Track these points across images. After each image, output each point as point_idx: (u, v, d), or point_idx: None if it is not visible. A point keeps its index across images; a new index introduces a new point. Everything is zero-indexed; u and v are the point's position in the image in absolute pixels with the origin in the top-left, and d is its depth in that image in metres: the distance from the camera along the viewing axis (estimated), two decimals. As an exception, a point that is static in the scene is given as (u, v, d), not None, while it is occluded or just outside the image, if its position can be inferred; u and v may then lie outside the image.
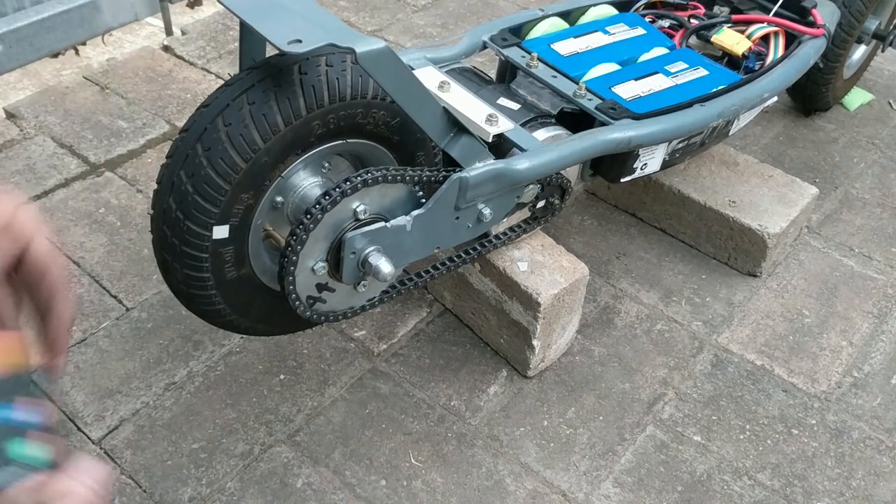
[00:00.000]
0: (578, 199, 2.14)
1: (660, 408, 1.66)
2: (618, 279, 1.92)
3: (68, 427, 1.55)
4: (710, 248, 1.98)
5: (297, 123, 1.22)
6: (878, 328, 1.85)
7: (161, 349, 1.70)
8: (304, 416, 1.60)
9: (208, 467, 1.50)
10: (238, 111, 1.19)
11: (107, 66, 2.54)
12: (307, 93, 1.21)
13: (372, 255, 1.30)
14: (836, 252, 2.04)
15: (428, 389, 1.66)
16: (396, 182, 1.30)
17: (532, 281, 1.58)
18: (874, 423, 1.65)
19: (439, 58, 1.66)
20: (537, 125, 1.56)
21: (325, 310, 1.36)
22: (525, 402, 1.65)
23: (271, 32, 1.10)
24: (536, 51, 1.71)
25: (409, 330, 1.78)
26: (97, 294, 1.81)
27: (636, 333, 1.80)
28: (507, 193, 1.46)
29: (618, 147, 1.53)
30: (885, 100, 2.59)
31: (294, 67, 1.22)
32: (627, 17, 1.92)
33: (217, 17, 2.79)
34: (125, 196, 2.06)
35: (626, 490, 1.51)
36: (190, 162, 1.20)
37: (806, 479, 1.55)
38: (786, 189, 1.95)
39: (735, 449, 1.59)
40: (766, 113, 2.46)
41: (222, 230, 1.24)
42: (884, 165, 2.33)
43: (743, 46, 1.82)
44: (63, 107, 2.34)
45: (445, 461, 1.54)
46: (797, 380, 1.73)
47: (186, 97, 2.40)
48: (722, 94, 1.67)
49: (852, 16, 2.09)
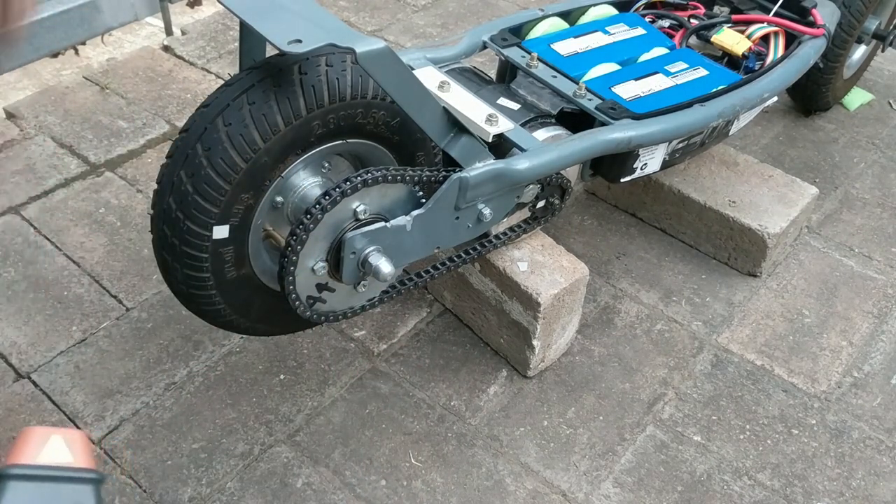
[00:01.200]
0: (578, 199, 2.14)
1: (660, 408, 1.66)
2: (618, 279, 1.92)
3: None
4: (710, 248, 1.98)
5: (297, 123, 1.22)
6: (878, 328, 1.85)
7: (161, 349, 1.70)
8: (304, 416, 1.60)
9: (208, 467, 1.50)
10: (238, 111, 1.19)
11: (107, 66, 2.54)
12: (307, 93, 1.21)
13: (372, 255, 1.30)
14: (836, 252, 2.04)
15: (428, 389, 1.66)
16: (396, 182, 1.30)
17: (532, 281, 1.58)
18: (874, 423, 1.65)
19: (439, 58, 1.66)
20: (537, 125, 1.56)
21: (325, 310, 1.36)
22: (525, 402, 1.65)
23: (271, 32, 1.10)
24: (536, 51, 1.71)
25: (409, 330, 1.78)
26: (97, 294, 1.81)
27: (636, 333, 1.80)
28: (507, 193, 1.46)
29: (618, 147, 1.53)
30: (885, 100, 2.59)
31: (294, 67, 1.22)
32: (627, 17, 1.92)
33: (217, 17, 2.79)
34: (125, 196, 2.06)
35: (626, 490, 1.51)
36: (190, 162, 1.20)
37: (806, 479, 1.55)
38: (786, 189, 1.95)
39: (735, 449, 1.59)
40: (766, 113, 2.46)
41: (222, 230, 1.24)
42: (884, 165, 2.33)
43: (743, 46, 1.82)
44: (63, 107, 2.34)
45: (445, 461, 1.54)
46: (797, 380, 1.73)
47: (186, 97, 2.40)
48: (722, 94, 1.67)
49: (852, 16, 2.09)
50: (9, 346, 1.69)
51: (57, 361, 1.66)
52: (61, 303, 1.79)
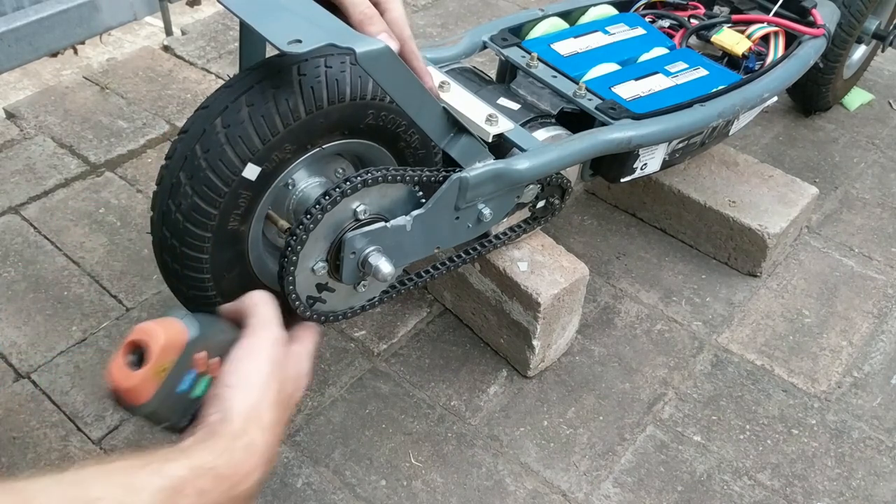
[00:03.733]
0: (578, 199, 2.14)
1: (660, 408, 1.66)
2: (618, 279, 1.92)
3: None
4: (710, 248, 1.98)
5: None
6: (878, 328, 1.85)
7: (161, 349, 1.69)
8: (304, 416, 1.60)
9: (208, 467, 1.50)
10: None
11: (107, 66, 2.54)
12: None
13: (372, 255, 1.30)
14: (836, 252, 2.04)
15: (428, 389, 1.66)
16: (396, 182, 1.30)
17: (532, 281, 1.58)
18: (874, 423, 1.65)
19: (439, 58, 1.66)
20: (537, 125, 1.56)
21: (325, 310, 1.35)
22: (525, 402, 1.65)
23: (271, 32, 1.10)
24: (536, 51, 1.71)
25: (409, 330, 1.78)
26: (97, 294, 1.81)
27: (636, 333, 1.80)
28: (507, 193, 1.46)
29: (618, 147, 1.53)
30: (885, 100, 2.59)
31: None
32: (627, 17, 1.92)
33: (217, 17, 2.79)
34: (125, 196, 2.06)
35: (626, 490, 1.51)
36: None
37: (806, 479, 1.55)
38: (786, 189, 1.95)
39: (735, 449, 1.59)
40: (766, 113, 2.46)
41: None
42: (884, 165, 2.33)
43: (743, 46, 1.82)
44: (63, 107, 2.34)
45: (445, 461, 1.54)
46: (797, 380, 1.73)
47: (186, 97, 2.40)
48: (722, 94, 1.67)
49: (852, 16, 2.09)
50: (9, 346, 1.69)
51: (57, 361, 1.66)
52: (61, 303, 1.79)
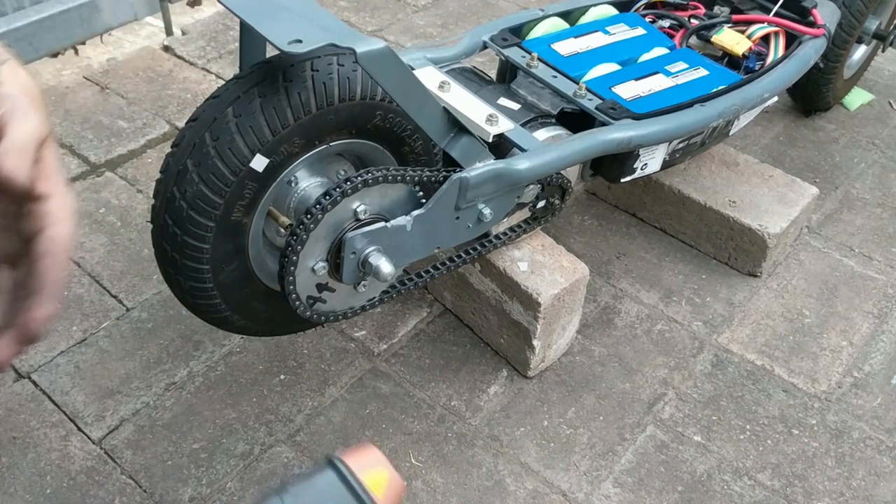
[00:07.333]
0: (578, 199, 2.14)
1: (660, 408, 1.66)
2: (618, 279, 1.92)
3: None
4: (711, 248, 1.98)
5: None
6: (878, 328, 1.85)
7: (161, 349, 1.69)
8: (305, 416, 1.60)
9: (208, 467, 1.50)
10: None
11: (107, 66, 2.54)
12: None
13: (372, 255, 1.30)
14: (837, 252, 2.04)
15: (428, 389, 1.66)
16: (397, 182, 1.30)
17: (532, 281, 1.58)
18: (874, 423, 1.65)
19: (439, 58, 1.66)
20: (537, 125, 1.56)
21: (325, 310, 1.36)
22: (525, 402, 1.65)
23: (271, 32, 1.10)
24: (537, 51, 1.71)
25: (410, 330, 1.78)
26: (97, 294, 1.81)
27: (636, 333, 1.80)
28: (508, 193, 1.46)
29: (618, 147, 1.53)
30: (885, 100, 2.59)
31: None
32: (628, 17, 1.92)
33: (217, 17, 2.79)
34: (125, 196, 2.06)
35: (627, 490, 1.51)
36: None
37: (806, 480, 1.55)
38: (786, 189, 1.95)
39: (735, 449, 1.59)
40: (766, 113, 2.46)
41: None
42: (884, 165, 2.33)
43: (743, 46, 1.82)
44: (63, 107, 2.34)
45: (445, 461, 1.54)
46: (797, 380, 1.73)
47: (187, 97, 2.40)
48: (722, 94, 1.67)
49: (852, 16, 2.09)
50: (9, 346, 1.69)
51: (57, 361, 1.66)
52: (61, 303, 1.78)
